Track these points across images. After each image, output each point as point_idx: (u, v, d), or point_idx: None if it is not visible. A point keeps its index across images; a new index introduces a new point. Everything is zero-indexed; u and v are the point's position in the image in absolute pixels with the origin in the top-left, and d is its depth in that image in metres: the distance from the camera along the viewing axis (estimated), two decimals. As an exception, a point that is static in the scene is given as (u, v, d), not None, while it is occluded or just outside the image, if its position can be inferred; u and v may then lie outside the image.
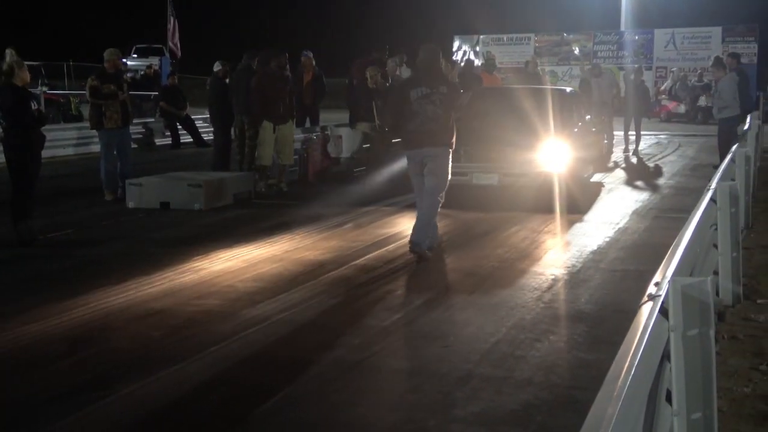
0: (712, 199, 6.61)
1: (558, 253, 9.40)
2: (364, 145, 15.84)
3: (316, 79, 17.75)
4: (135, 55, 40.14)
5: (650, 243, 9.53)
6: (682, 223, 5.57)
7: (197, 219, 11.63)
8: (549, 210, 11.40)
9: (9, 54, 9.74)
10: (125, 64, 30.03)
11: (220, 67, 15.75)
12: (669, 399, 3.35)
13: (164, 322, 6.75)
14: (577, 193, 12.05)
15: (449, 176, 9.24)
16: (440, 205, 9.22)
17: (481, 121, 12.13)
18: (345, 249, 9.49)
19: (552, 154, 11.85)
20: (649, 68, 36.44)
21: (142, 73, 32.37)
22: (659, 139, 24.79)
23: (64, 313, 6.95)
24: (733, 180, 7.96)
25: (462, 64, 24.30)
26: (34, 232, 9.92)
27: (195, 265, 8.70)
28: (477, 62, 28.26)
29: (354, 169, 15.67)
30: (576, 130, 13.18)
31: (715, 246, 6.79)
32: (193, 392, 5.32)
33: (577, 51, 38.88)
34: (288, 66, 14.99)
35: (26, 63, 10.05)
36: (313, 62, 17.76)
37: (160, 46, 38.57)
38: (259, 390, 5.31)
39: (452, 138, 9.18)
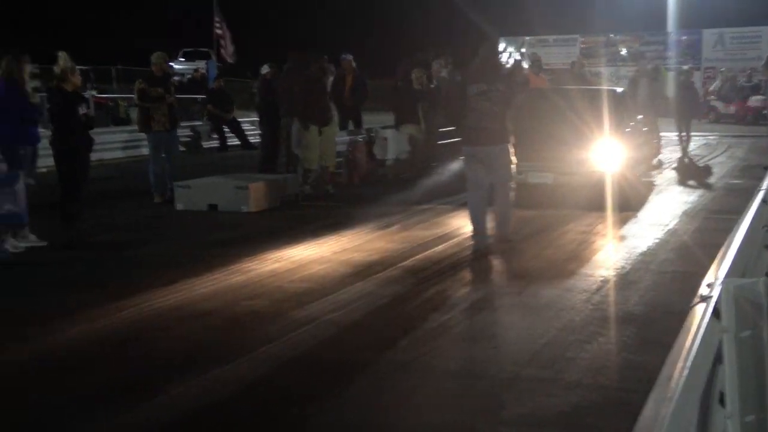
0: (764, 200, 6.53)
1: (608, 254, 9.34)
2: (410, 147, 15.85)
3: (357, 81, 17.77)
4: (182, 59, 40.45)
5: (700, 244, 9.42)
6: (733, 224, 5.48)
7: (245, 221, 11.70)
8: (600, 209, 11.34)
9: (63, 58, 9.82)
10: (172, 67, 30.29)
11: (268, 70, 15.85)
12: (722, 401, 3.31)
13: (213, 323, 6.80)
14: (628, 193, 12.03)
15: (513, 166, 10.07)
16: (511, 192, 10.18)
17: (537, 121, 12.25)
18: (392, 250, 9.49)
19: (606, 153, 11.89)
20: (698, 69, 36.00)
21: (189, 76, 32.64)
22: (708, 140, 24.51)
23: (114, 314, 7.03)
24: (784, 180, 7.85)
25: (509, 66, 24.26)
26: (82, 234, 10.06)
27: (243, 266, 8.76)
28: (524, 63, 28.14)
29: (400, 171, 15.67)
30: (628, 129, 13.16)
31: (767, 247, 6.70)
32: (240, 393, 5.35)
33: (624, 52, 38.58)
34: (332, 68, 15.02)
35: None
36: (353, 64, 17.78)
37: (207, 50, 38.91)
38: (304, 391, 5.33)
39: (508, 135, 9.51)
